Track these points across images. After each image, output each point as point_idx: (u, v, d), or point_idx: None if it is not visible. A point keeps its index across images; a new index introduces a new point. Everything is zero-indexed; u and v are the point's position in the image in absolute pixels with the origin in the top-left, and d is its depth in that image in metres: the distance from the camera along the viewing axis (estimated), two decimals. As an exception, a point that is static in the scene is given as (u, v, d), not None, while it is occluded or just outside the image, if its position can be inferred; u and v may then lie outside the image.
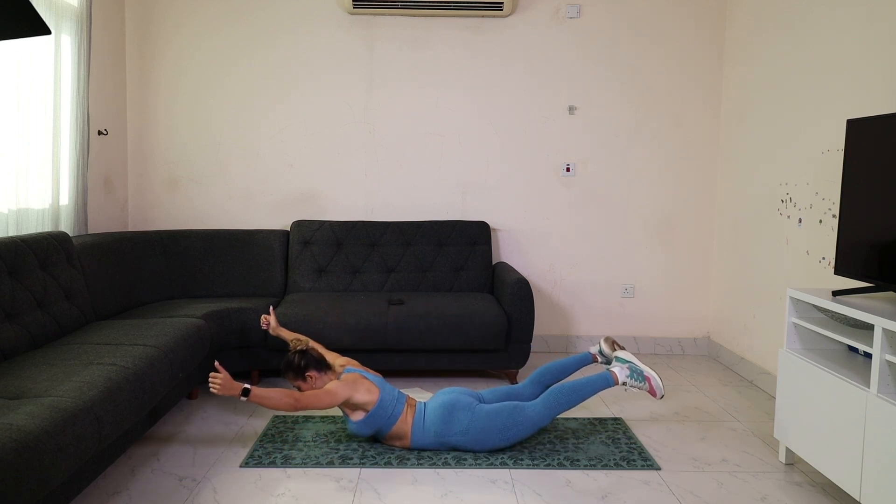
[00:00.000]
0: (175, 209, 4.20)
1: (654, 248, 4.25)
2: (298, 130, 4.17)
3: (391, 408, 2.66)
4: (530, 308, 3.47)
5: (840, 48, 2.95)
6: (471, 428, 2.62)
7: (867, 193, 2.35)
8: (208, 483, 2.42)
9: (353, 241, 3.99)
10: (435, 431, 2.64)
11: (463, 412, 2.64)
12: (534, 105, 4.17)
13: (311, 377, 2.71)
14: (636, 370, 2.76)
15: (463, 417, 2.63)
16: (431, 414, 2.67)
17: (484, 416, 2.64)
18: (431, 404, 2.71)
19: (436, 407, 2.68)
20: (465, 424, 2.63)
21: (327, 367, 2.78)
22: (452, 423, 2.63)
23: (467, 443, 2.64)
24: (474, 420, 2.63)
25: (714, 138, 4.19)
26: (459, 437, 2.63)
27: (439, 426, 2.64)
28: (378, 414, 2.63)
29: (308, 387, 2.71)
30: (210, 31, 4.11)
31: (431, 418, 2.66)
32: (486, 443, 2.65)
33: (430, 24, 4.12)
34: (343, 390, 2.58)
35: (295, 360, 2.73)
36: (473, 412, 2.64)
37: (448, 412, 2.65)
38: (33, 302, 2.70)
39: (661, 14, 4.12)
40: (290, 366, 2.73)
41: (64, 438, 1.82)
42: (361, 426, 2.65)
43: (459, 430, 2.62)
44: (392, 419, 2.65)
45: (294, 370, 2.72)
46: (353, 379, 2.66)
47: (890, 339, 2.05)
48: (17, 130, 3.00)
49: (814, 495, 2.40)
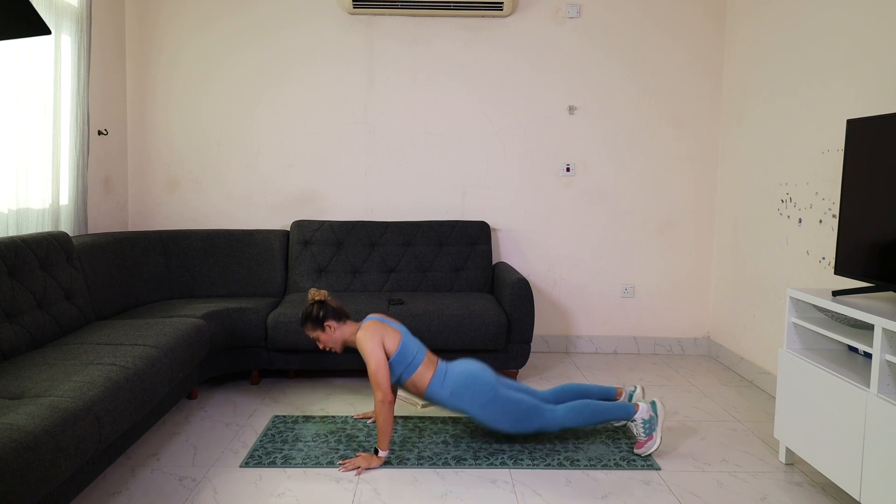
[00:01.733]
0: (175, 209, 4.21)
1: (654, 248, 4.25)
2: (299, 130, 4.17)
3: (412, 354, 2.68)
4: (530, 308, 3.48)
5: (840, 48, 2.95)
6: (488, 405, 2.64)
7: (867, 193, 2.35)
8: (208, 483, 2.42)
9: (353, 241, 3.99)
10: (452, 391, 2.66)
11: (486, 387, 2.66)
12: (534, 105, 4.17)
13: (329, 327, 2.70)
14: (654, 424, 2.72)
15: (485, 391, 2.65)
16: (454, 374, 2.69)
17: (504, 401, 2.66)
18: (456, 366, 2.73)
19: (462, 371, 2.69)
20: (484, 399, 2.64)
21: (346, 316, 2.76)
22: (472, 391, 2.65)
23: (478, 415, 2.67)
24: (495, 400, 2.65)
25: (714, 138, 4.19)
26: (474, 407, 2.65)
27: (458, 388, 2.66)
28: (400, 359, 2.64)
29: (327, 337, 2.71)
30: (210, 31, 4.11)
31: (453, 378, 2.68)
32: (495, 423, 2.67)
33: (430, 24, 4.12)
34: (375, 343, 2.59)
35: (313, 311, 2.71)
36: (496, 393, 2.66)
37: (471, 380, 2.67)
38: (33, 302, 2.70)
39: (662, 15, 4.12)
40: (309, 317, 2.71)
41: (64, 438, 1.82)
42: None
43: (478, 402, 2.64)
44: (413, 366, 2.66)
45: (313, 320, 2.71)
46: (375, 325, 2.66)
47: (890, 339, 2.05)
48: (18, 130, 3.00)
49: (814, 495, 2.40)
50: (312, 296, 2.75)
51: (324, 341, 2.72)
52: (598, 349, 4.30)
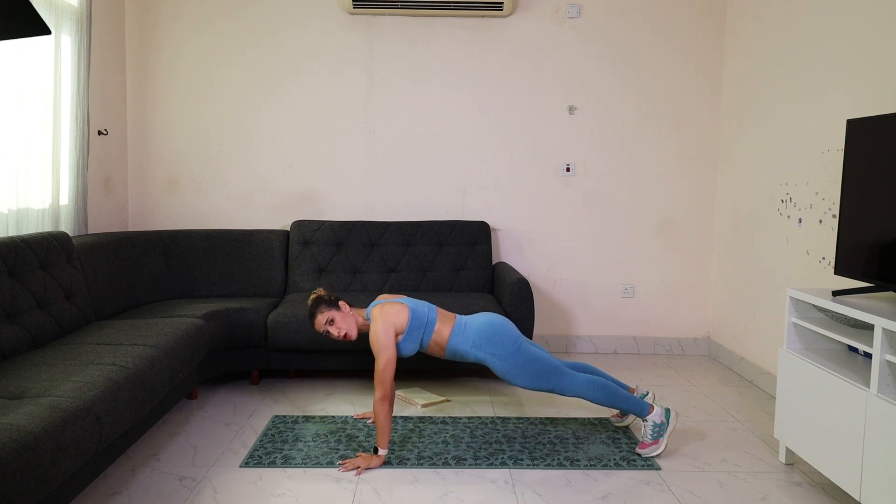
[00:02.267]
0: (175, 209, 4.21)
1: (655, 248, 4.25)
2: (298, 130, 4.17)
3: (425, 316, 2.70)
4: (530, 308, 3.47)
5: (840, 48, 2.95)
6: (510, 357, 2.65)
7: (867, 193, 2.34)
8: (208, 483, 2.42)
9: (353, 241, 3.99)
10: (473, 342, 2.68)
11: (508, 339, 2.68)
12: (534, 105, 4.17)
13: (343, 305, 2.74)
14: (663, 428, 2.71)
15: (507, 344, 2.67)
16: (475, 325, 2.71)
17: (527, 356, 2.67)
18: (477, 318, 2.76)
19: (483, 322, 2.72)
20: (506, 352, 2.66)
21: (350, 304, 2.81)
22: (494, 343, 2.67)
23: (499, 368, 2.67)
24: (517, 353, 2.66)
25: (714, 138, 4.19)
26: (496, 360, 2.67)
27: (480, 338, 2.68)
28: (415, 326, 2.67)
29: (342, 316, 2.72)
30: (210, 31, 4.11)
31: (474, 329, 2.70)
32: (514, 377, 2.68)
33: (430, 24, 4.12)
34: (390, 338, 2.60)
35: (323, 294, 2.77)
36: (519, 346, 2.68)
37: (493, 331, 2.69)
38: (33, 302, 2.70)
39: (662, 14, 4.12)
40: (322, 300, 2.75)
41: (64, 438, 1.82)
42: (406, 344, 2.68)
43: (500, 353, 2.66)
44: (430, 324, 2.69)
45: (327, 302, 2.73)
46: (385, 314, 2.66)
47: (890, 339, 2.05)
48: (18, 130, 3.00)
49: (814, 495, 2.40)
50: (315, 293, 2.81)
51: (338, 323, 2.71)
52: (598, 349, 4.30)
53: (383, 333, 2.61)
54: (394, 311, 2.67)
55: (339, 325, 2.71)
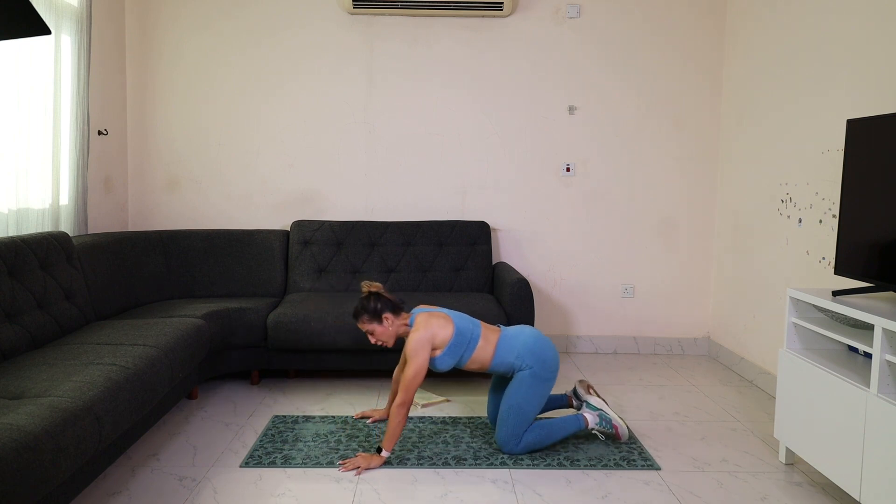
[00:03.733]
0: (175, 209, 4.21)
1: (655, 248, 4.25)
2: (298, 130, 4.17)
3: (469, 333, 2.66)
4: (530, 308, 3.47)
5: (840, 48, 2.95)
6: (539, 378, 2.65)
7: (867, 193, 2.35)
8: (208, 483, 2.42)
9: (353, 241, 3.99)
10: (518, 353, 2.66)
11: (551, 362, 2.67)
12: (534, 105, 4.17)
13: (386, 318, 2.65)
14: (605, 418, 2.76)
15: (548, 366, 2.66)
16: (522, 337, 2.69)
17: (545, 393, 2.68)
18: (522, 330, 2.73)
19: (530, 335, 2.70)
20: (545, 373, 2.65)
21: (400, 308, 2.71)
22: (537, 356, 2.64)
23: (525, 379, 2.64)
24: (547, 382, 2.67)
25: (714, 138, 4.19)
26: (527, 373, 2.64)
27: (524, 350, 2.65)
28: (458, 342, 2.63)
29: (383, 330, 2.66)
30: (210, 31, 4.11)
31: (521, 340, 2.68)
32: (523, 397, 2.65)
33: (430, 24, 4.12)
34: (426, 348, 2.57)
35: (370, 303, 2.65)
36: (552, 378, 2.68)
37: (540, 346, 2.67)
38: (33, 302, 2.70)
39: (662, 14, 4.12)
40: (366, 309, 2.65)
41: (64, 438, 1.82)
42: (444, 359, 2.64)
43: (535, 370, 2.64)
44: (473, 343, 2.66)
45: (370, 312, 2.64)
46: (427, 323, 2.62)
47: (890, 339, 2.05)
48: (18, 130, 3.00)
49: (814, 495, 2.40)
50: (367, 287, 2.69)
51: (378, 335, 2.67)
52: (598, 349, 4.30)
53: (420, 343, 2.57)
54: (439, 323, 2.62)
55: (377, 337, 2.68)
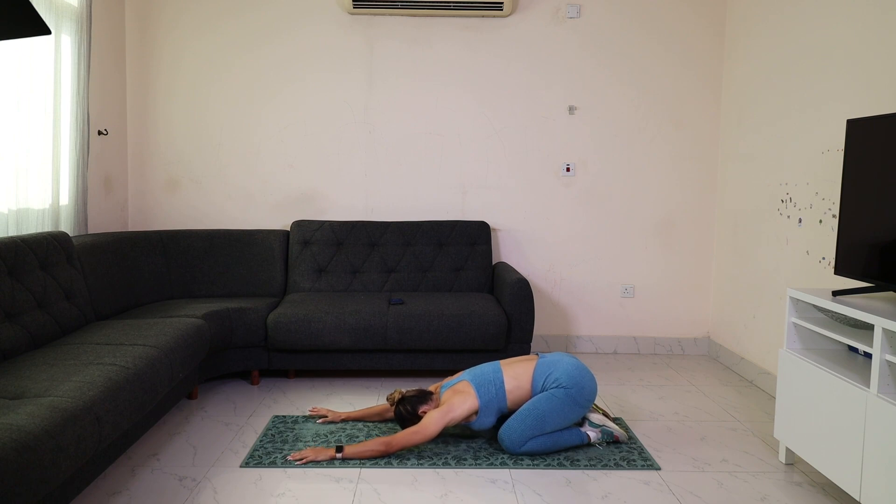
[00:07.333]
0: (175, 209, 4.21)
1: (654, 248, 4.25)
2: (298, 130, 4.17)
3: (493, 388, 2.71)
4: (530, 308, 3.47)
5: (840, 48, 2.95)
6: (570, 397, 2.67)
7: (867, 193, 2.35)
8: (208, 483, 2.42)
9: (353, 241, 3.99)
10: (556, 379, 2.68)
11: (588, 391, 2.70)
12: (534, 105, 4.17)
13: (424, 412, 2.72)
14: (606, 432, 2.78)
15: (586, 393, 2.69)
16: (563, 364, 2.73)
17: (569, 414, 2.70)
18: (563, 359, 2.77)
19: (570, 363, 2.74)
20: (581, 397, 2.68)
21: (429, 394, 2.79)
22: (577, 381, 2.67)
23: (561, 394, 2.66)
24: (576, 406, 2.69)
25: (714, 138, 4.19)
26: (561, 390, 2.66)
27: (563, 376, 2.68)
28: (487, 405, 2.69)
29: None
30: (210, 31, 4.11)
31: (563, 367, 2.71)
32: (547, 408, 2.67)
33: (430, 24, 4.12)
34: (435, 424, 2.61)
35: (403, 411, 2.74)
36: (588, 402, 2.72)
37: (580, 374, 2.70)
38: (33, 302, 2.70)
39: (662, 14, 4.12)
40: (404, 418, 2.74)
41: (64, 438, 1.82)
42: (483, 420, 2.71)
43: (572, 392, 2.66)
44: (500, 394, 2.70)
45: (410, 419, 2.72)
46: (448, 400, 2.68)
47: (890, 339, 2.05)
48: (18, 130, 3.00)
49: (814, 495, 2.40)
50: (392, 399, 2.79)
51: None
52: (598, 349, 4.30)
53: (433, 419, 2.61)
54: (460, 400, 2.67)
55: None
